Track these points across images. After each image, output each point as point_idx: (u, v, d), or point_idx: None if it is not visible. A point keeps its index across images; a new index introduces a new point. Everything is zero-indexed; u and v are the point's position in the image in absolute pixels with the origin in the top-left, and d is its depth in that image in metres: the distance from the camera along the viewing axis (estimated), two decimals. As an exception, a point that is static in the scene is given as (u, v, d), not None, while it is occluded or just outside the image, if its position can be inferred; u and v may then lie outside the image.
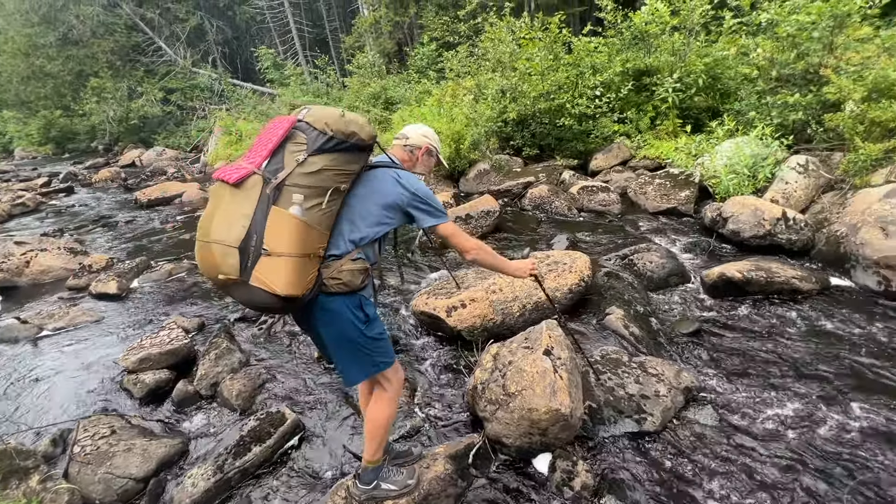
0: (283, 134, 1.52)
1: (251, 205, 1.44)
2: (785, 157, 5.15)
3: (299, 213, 1.49)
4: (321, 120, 1.54)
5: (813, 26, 5.36)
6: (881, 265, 3.53)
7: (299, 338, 3.50)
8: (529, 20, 8.93)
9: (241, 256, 1.40)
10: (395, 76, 18.46)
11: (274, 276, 1.43)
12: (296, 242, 1.48)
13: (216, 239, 1.43)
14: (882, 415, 2.39)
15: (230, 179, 1.46)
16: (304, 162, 1.51)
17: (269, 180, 1.47)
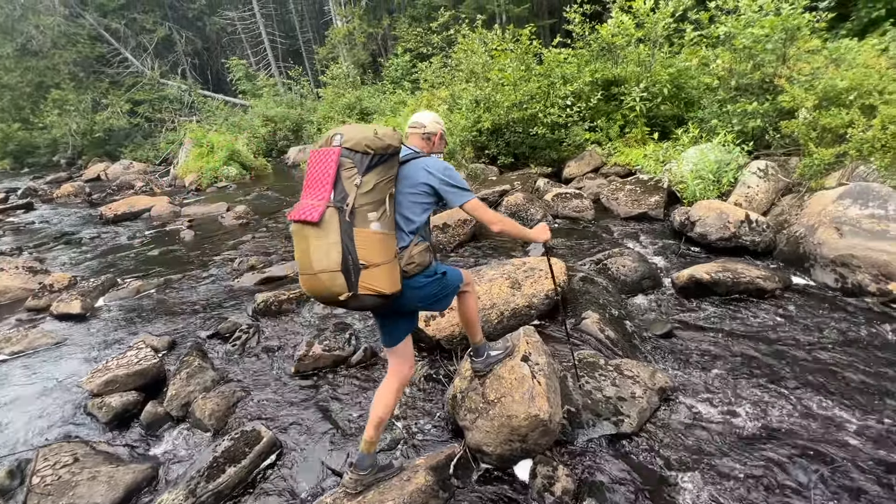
0: (336, 166, 1.71)
1: (336, 233, 1.67)
2: (746, 163, 5.39)
3: (379, 228, 1.74)
4: (361, 143, 1.71)
5: (767, 39, 5.67)
6: (837, 263, 3.71)
7: (275, 353, 3.42)
8: (501, 32, 9.13)
9: (345, 276, 1.66)
10: (370, 87, 18.50)
11: (378, 282, 1.71)
12: (383, 251, 1.74)
13: (320, 269, 1.67)
14: (844, 407, 2.51)
15: (312, 219, 1.66)
16: (361, 184, 1.71)
17: (342, 209, 1.68)
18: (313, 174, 1.76)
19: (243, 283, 4.82)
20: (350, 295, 1.68)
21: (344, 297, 1.68)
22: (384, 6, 22.69)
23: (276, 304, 4.05)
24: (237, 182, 12.04)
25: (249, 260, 5.38)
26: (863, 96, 4.74)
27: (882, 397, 2.56)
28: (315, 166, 1.76)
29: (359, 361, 3.19)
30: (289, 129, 17.54)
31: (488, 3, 16.14)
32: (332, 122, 15.17)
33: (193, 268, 5.51)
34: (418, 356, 3.23)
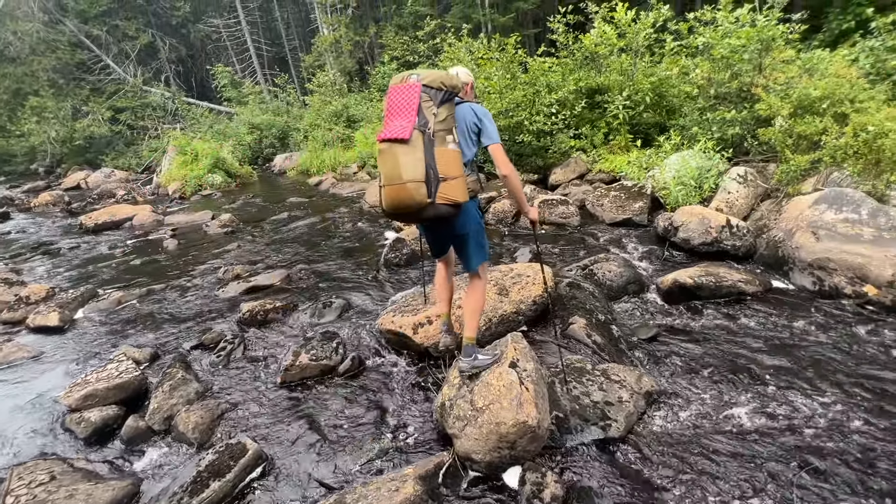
0: (418, 98, 2.05)
1: (421, 151, 1.99)
2: (726, 169, 5.52)
3: (455, 147, 2.09)
4: (437, 80, 2.09)
5: (743, 49, 5.85)
6: (814, 266, 3.81)
7: (261, 363, 3.37)
8: (486, 41, 9.23)
9: (427, 186, 1.99)
10: (357, 94, 18.51)
11: (453, 192, 2.05)
12: (458, 167, 2.08)
13: (408, 179, 1.98)
14: (823, 406, 2.56)
15: (404, 136, 1.98)
16: (437, 113, 2.06)
17: (425, 132, 2.02)
18: (397, 103, 2.09)
19: (228, 292, 4.75)
20: (429, 203, 2.01)
21: (424, 204, 2.00)
22: (370, 15, 22.80)
23: (261, 313, 4.00)
24: (222, 190, 11.89)
25: (234, 269, 5.31)
26: (835, 105, 4.90)
27: (858, 396, 2.62)
28: (397, 97, 2.09)
29: (346, 371, 3.16)
30: (275, 136, 17.42)
31: (474, 12, 16.33)
32: (318, 129, 15.12)
33: (177, 277, 5.41)
34: (406, 364, 3.22)
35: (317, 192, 10.48)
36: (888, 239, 3.75)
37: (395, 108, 2.08)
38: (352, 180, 10.81)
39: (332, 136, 14.43)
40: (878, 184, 4.34)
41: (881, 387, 2.69)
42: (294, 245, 6.34)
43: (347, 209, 8.20)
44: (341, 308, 4.06)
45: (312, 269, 5.24)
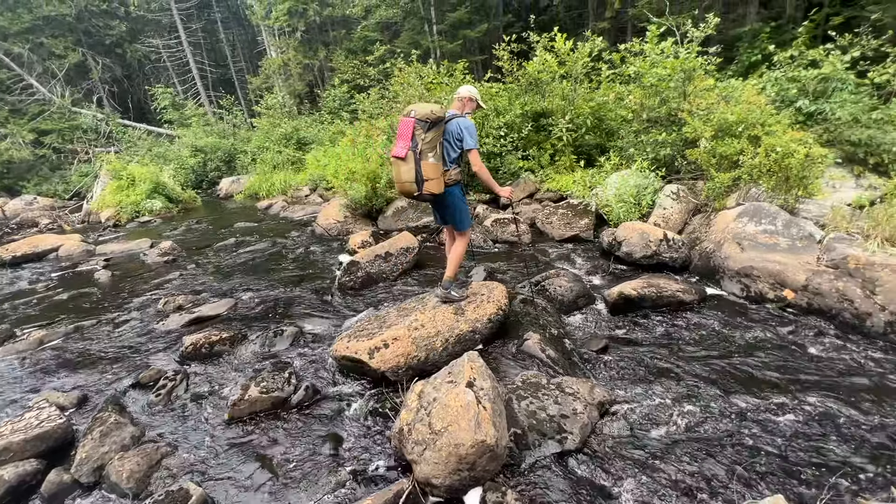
0: (412, 128, 3.14)
1: (412, 163, 3.15)
2: (661, 187, 5.94)
3: (433, 161, 3.18)
4: (425, 114, 3.14)
5: (669, 78, 6.40)
6: (741, 274, 4.16)
7: (207, 400, 3.17)
8: (436, 66, 9.50)
9: (416, 185, 3.18)
10: (307, 117, 18.32)
11: (432, 187, 3.21)
12: (434, 172, 3.20)
13: (405, 180, 3.19)
14: (757, 403, 2.77)
15: (401, 156, 3.14)
16: (424, 137, 3.14)
17: (415, 151, 3.15)
18: (400, 131, 3.19)
19: (169, 325, 4.45)
20: (418, 193, 3.22)
21: (416, 193, 3.23)
22: (320, 38, 22.81)
23: (206, 345, 3.78)
24: (162, 216, 11.24)
25: (176, 299, 4.99)
26: (749, 128, 5.46)
27: (784, 392, 2.86)
28: (401, 126, 3.20)
29: (300, 402, 3.04)
30: (220, 159, 16.79)
31: (423, 39, 16.80)
32: (267, 151, 14.75)
33: (110, 312, 5.01)
34: (363, 390, 3.14)
35: (266, 216, 10.16)
36: (800, 247, 4.17)
37: (399, 134, 3.22)
38: (303, 203, 10.58)
39: (281, 158, 14.12)
40: (789, 198, 4.85)
41: (803, 382, 2.95)
42: (242, 272, 6.07)
43: (299, 233, 7.99)
44: (293, 336, 3.92)
45: (262, 297, 5.04)
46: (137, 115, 24.50)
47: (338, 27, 22.84)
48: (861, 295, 3.47)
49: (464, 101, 3.46)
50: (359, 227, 7.33)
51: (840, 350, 3.27)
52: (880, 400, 2.74)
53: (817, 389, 2.87)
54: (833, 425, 2.57)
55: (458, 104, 3.48)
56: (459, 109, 3.45)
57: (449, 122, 3.27)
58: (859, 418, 2.60)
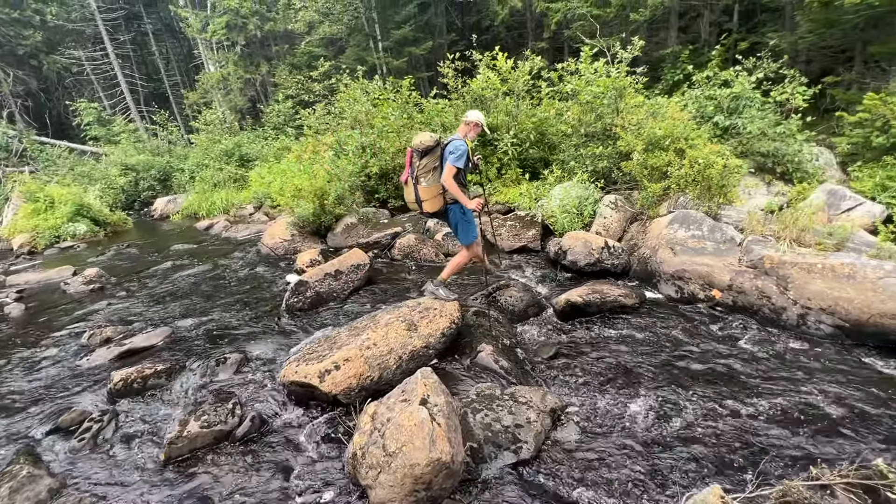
0: (411, 157, 3.69)
1: (413, 188, 3.70)
2: (601, 197, 6.28)
3: (426, 185, 3.64)
4: (416, 144, 3.63)
5: (603, 95, 6.83)
6: (675, 277, 4.46)
7: (140, 440, 2.91)
8: (382, 82, 9.54)
9: (417, 204, 3.74)
10: (250, 132, 17.70)
11: (429, 207, 3.73)
12: (430, 194, 3.68)
13: (409, 201, 3.82)
14: (695, 397, 2.95)
15: (404, 181, 3.77)
16: (420, 163, 3.64)
17: (415, 176, 3.68)
18: (407, 160, 3.74)
19: (95, 360, 4.07)
20: (420, 211, 3.82)
21: (419, 210, 3.82)
22: (261, 53, 22.23)
23: (139, 380, 3.49)
24: (87, 241, 10.34)
25: (104, 331, 4.58)
26: (675, 142, 5.92)
27: (717, 386, 3.07)
28: (407, 156, 3.73)
29: (246, 434, 2.87)
30: (154, 178, 15.78)
31: (368, 55, 16.86)
32: (207, 169, 14.05)
33: (23, 350, 4.50)
34: (314, 416, 3.02)
35: (207, 237, 9.62)
36: (724, 250, 4.54)
37: (406, 163, 3.77)
38: (247, 222, 10.14)
39: (223, 175, 13.51)
40: (712, 205, 5.28)
41: (733, 375, 3.19)
42: (180, 298, 5.69)
43: (243, 254, 7.63)
44: (238, 363, 3.71)
45: (203, 323, 4.74)
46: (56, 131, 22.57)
47: (280, 42, 22.39)
48: (776, 291, 3.82)
49: (469, 125, 3.78)
50: (307, 246, 7.13)
51: (763, 342, 3.58)
52: (798, 386, 3.02)
53: (745, 380, 3.12)
54: (760, 413, 2.79)
55: (462, 128, 3.80)
56: (462, 133, 3.77)
57: (448, 144, 3.60)
58: (782, 404, 2.85)
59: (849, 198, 5.63)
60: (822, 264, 3.71)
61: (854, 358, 3.28)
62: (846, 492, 2.08)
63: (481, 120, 3.79)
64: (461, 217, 3.84)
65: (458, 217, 3.84)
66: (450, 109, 8.86)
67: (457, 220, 3.85)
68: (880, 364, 3.18)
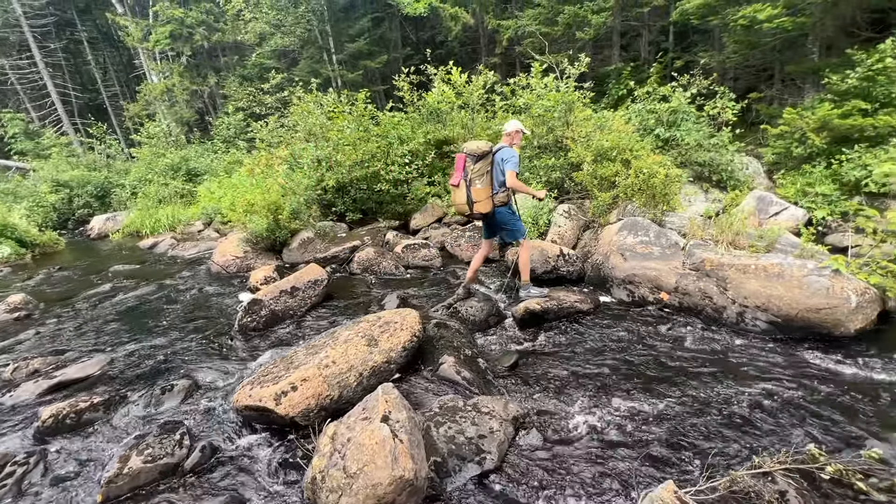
0: (464, 162, 4.04)
1: (464, 190, 4.08)
2: (555, 206, 6.49)
3: (480, 186, 4.04)
4: (472, 150, 4.02)
5: (554, 109, 7.11)
6: (626, 282, 4.66)
7: (73, 482, 2.66)
8: (337, 95, 9.46)
9: (468, 206, 4.11)
10: (198, 146, 16.97)
11: (480, 208, 4.11)
12: (482, 195, 4.07)
13: (459, 203, 4.16)
14: (648, 396, 3.08)
15: (455, 184, 4.13)
16: (474, 168, 4.02)
17: (466, 179, 4.06)
18: (457, 165, 4.11)
19: (20, 396, 3.70)
20: (470, 212, 4.15)
21: (468, 213, 4.19)
22: (209, 64, 21.48)
23: (72, 415, 3.20)
24: (12, 264, 9.45)
25: (31, 363, 4.18)
26: (621, 153, 6.25)
27: (669, 384, 3.22)
28: (457, 161, 4.12)
29: (196, 465, 2.69)
30: (91, 194, 14.74)
31: (322, 67, 16.68)
32: (151, 184, 13.29)
33: (-67, 389, 4.01)
34: (270, 441, 2.89)
35: (151, 256, 9.06)
36: (669, 254, 4.81)
37: (456, 167, 4.16)
38: (196, 239, 9.65)
39: (168, 191, 12.82)
40: (657, 212, 5.60)
41: (682, 373, 3.36)
42: (121, 322, 5.30)
43: (192, 273, 7.24)
44: (186, 390, 3.49)
45: (147, 349, 4.43)
46: (-25, 145, 20.63)
47: (230, 53, 21.75)
48: (717, 291, 4.08)
49: (511, 135, 4.21)
50: (261, 262, 6.87)
51: (707, 341, 3.80)
52: (739, 380, 3.22)
53: (692, 379, 3.29)
54: (707, 408, 2.95)
55: (506, 139, 4.22)
56: (507, 142, 4.20)
57: (497, 153, 4.11)
58: (726, 398, 3.02)
59: (775, 203, 6.15)
60: (755, 265, 4.01)
61: (786, 350, 3.55)
62: (785, 477, 2.23)
63: (521, 126, 4.23)
64: (510, 217, 4.29)
65: (507, 217, 4.27)
66: (406, 122, 8.91)
67: (506, 220, 4.27)
68: (808, 355, 3.46)
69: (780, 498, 2.11)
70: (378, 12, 17.80)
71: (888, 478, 2.27)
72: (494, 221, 4.31)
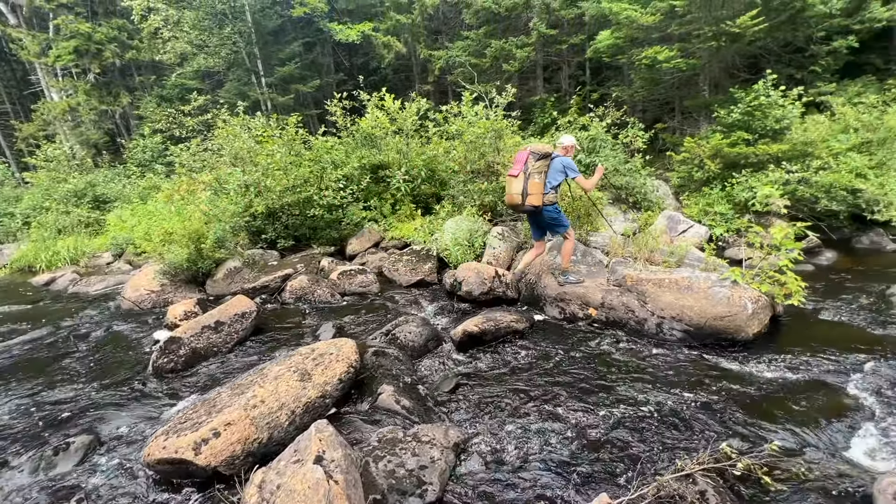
0: (527, 157, 4.55)
1: (522, 182, 4.55)
2: (489, 229, 6.69)
3: (538, 181, 4.54)
4: (536, 149, 4.57)
5: (484, 136, 7.41)
6: (558, 300, 4.88)
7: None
8: (266, 119, 9.16)
9: (521, 197, 4.56)
10: (107, 170, 15.51)
11: (534, 199, 4.56)
12: (537, 189, 4.55)
13: (514, 193, 4.59)
14: (582, 409, 3.19)
15: (514, 175, 4.59)
16: (535, 164, 4.53)
17: (525, 172, 4.54)
18: (517, 158, 4.63)
19: None
20: (522, 203, 4.55)
21: (520, 203, 4.56)
22: (122, 82, 19.93)
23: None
24: None
25: None
26: (548, 177, 6.63)
27: (600, 396, 3.37)
28: (518, 155, 4.64)
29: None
30: (-31, 225, 12.82)
31: (250, 90, 16.13)
32: (49, 213, 11.85)
33: None
34: (189, 497, 2.60)
35: (47, 294, 8.00)
36: (595, 272, 5.12)
37: (516, 161, 4.65)
38: (104, 273, 8.70)
39: (70, 220, 11.51)
40: (582, 232, 5.97)
41: (611, 385, 3.54)
42: (4, 375, 4.57)
43: (97, 311, 6.48)
44: (86, 447, 3.06)
45: (37, 403, 3.85)
46: None
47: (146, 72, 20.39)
48: (638, 305, 4.40)
49: (567, 148, 4.82)
50: (181, 296, 6.32)
51: (632, 352, 4.05)
52: (661, 388, 3.45)
53: (621, 388, 3.47)
54: (635, 416, 3.12)
55: (562, 150, 4.79)
56: (563, 153, 4.77)
57: (554, 159, 4.66)
58: (651, 406, 3.22)
59: (683, 222, 6.82)
60: (669, 279, 4.39)
61: (699, 356, 3.88)
62: (704, 477, 2.40)
63: (574, 142, 4.91)
64: (557, 214, 4.76)
65: (553, 215, 4.74)
66: (340, 147, 8.81)
67: (552, 217, 4.75)
68: (718, 359, 3.81)
69: (701, 498, 2.26)
70: (310, 37, 17.68)
71: (787, 468, 2.52)
72: (542, 218, 4.78)
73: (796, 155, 7.35)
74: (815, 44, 9.74)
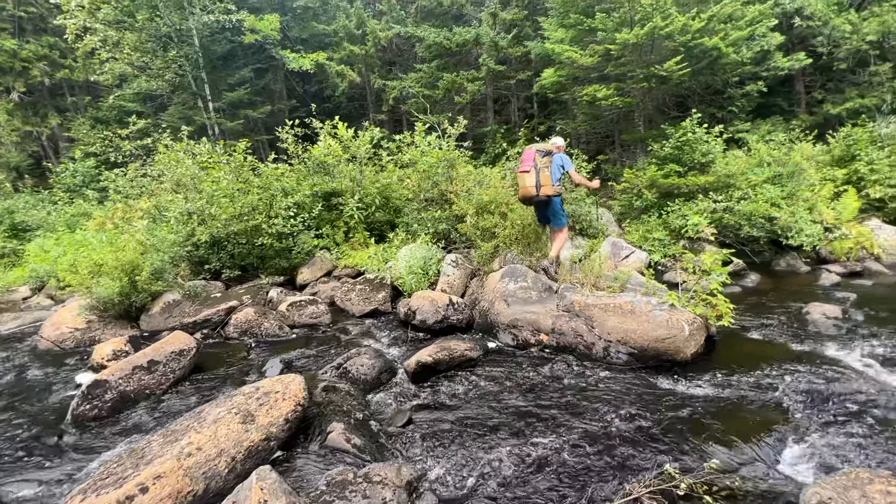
0: (534, 155, 5.51)
1: (534, 176, 5.46)
2: (443, 256, 6.74)
3: (548, 174, 5.47)
4: (541, 148, 5.60)
5: (437, 165, 7.56)
6: (510, 326, 4.95)
7: None
8: (212, 145, 8.85)
9: (536, 189, 5.47)
10: (30, 195, 14.25)
11: (547, 190, 5.47)
12: (547, 181, 5.45)
13: (529, 186, 5.52)
14: (535, 436, 3.20)
15: (526, 171, 5.52)
16: (542, 160, 5.49)
17: (536, 168, 5.46)
18: (525, 156, 5.59)
19: None
20: (536, 194, 5.44)
21: (534, 194, 5.46)
22: (51, 102, 18.63)
23: None
24: None
25: None
26: (498, 206, 6.84)
27: (551, 422, 3.41)
28: (526, 153, 5.61)
29: None
30: None
31: (196, 114, 15.59)
32: (-46, 243, 10.62)
33: None
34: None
35: (-54, 336, 7.06)
36: (545, 298, 5.26)
37: (525, 158, 5.54)
38: (19, 310, 7.86)
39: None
40: (533, 259, 6.15)
41: (562, 409, 3.59)
42: None
43: (9, 352, 5.80)
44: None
45: (-75, 465, 3.33)
46: None
47: (80, 92, 19.21)
48: (586, 329, 4.55)
49: (560, 147, 5.83)
50: (111, 333, 5.82)
51: (581, 376, 4.16)
52: (608, 411, 3.54)
53: (571, 414, 3.54)
54: (584, 441, 3.18)
55: (556, 149, 5.69)
56: (558, 151, 5.68)
57: (553, 156, 5.54)
58: (599, 429, 3.29)
59: (625, 248, 7.21)
60: (614, 303, 4.59)
61: (644, 378, 4.05)
62: (651, 499, 2.47)
63: (562, 142, 5.98)
64: (560, 207, 5.60)
65: (558, 206, 5.57)
66: (291, 174, 8.65)
67: (557, 208, 5.57)
68: (660, 381, 3.99)
69: (648, 521, 2.32)
70: (261, 63, 17.49)
71: (726, 485, 2.65)
72: (549, 207, 5.59)
73: (721, 186, 8.07)
74: (732, 87, 10.93)
